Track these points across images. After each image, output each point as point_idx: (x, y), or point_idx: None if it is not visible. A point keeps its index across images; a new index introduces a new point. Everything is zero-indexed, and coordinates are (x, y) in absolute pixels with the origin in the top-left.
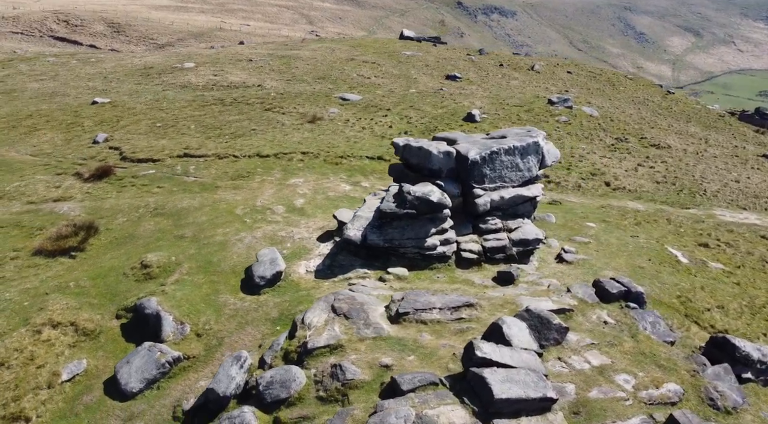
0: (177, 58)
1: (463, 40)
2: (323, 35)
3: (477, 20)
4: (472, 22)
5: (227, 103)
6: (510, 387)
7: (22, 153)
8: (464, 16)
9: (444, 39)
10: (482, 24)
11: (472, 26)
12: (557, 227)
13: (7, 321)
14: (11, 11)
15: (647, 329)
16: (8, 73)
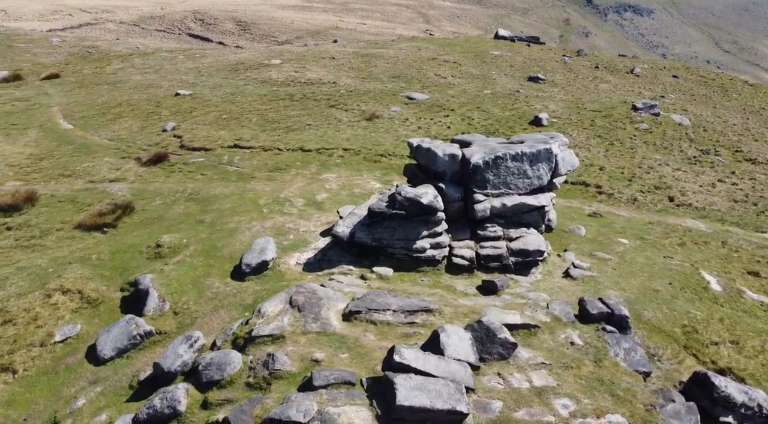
0: (267, 55)
1: (587, 41)
2: (437, 34)
3: (607, 19)
4: (601, 21)
5: (295, 99)
6: (417, 395)
7: (102, 137)
8: (593, 14)
9: (567, 38)
10: (612, 23)
11: (601, 25)
12: (583, 241)
13: (29, 284)
14: (159, 11)
15: (618, 356)
16: (122, 67)
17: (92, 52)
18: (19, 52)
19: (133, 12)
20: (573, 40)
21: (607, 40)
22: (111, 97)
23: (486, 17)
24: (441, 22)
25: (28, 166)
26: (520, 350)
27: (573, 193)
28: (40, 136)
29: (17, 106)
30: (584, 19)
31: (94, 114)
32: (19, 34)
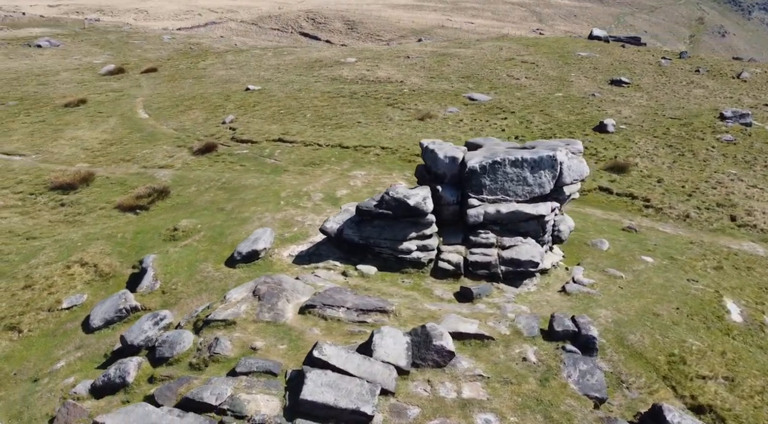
0: (346, 53)
1: (723, 41)
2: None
3: (751, 17)
4: (743, 20)
5: (356, 97)
6: (324, 392)
7: (169, 127)
8: (733, 12)
9: (698, 39)
10: (757, 21)
11: (743, 24)
12: (602, 256)
13: (57, 254)
14: (276, 11)
15: (571, 377)
16: (213, 63)
17: (194, 49)
18: (133, 48)
19: (254, 12)
20: (705, 41)
21: (747, 41)
22: (190, 91)
23: (606, 16)
24: (554, 21)
25: (98, 150)
26: (461, 359)
27: (616, 205)
28: (118, 123)
29: (110, 97)
30: (722, 18)
31: (169, 105)
32: (138, 31)
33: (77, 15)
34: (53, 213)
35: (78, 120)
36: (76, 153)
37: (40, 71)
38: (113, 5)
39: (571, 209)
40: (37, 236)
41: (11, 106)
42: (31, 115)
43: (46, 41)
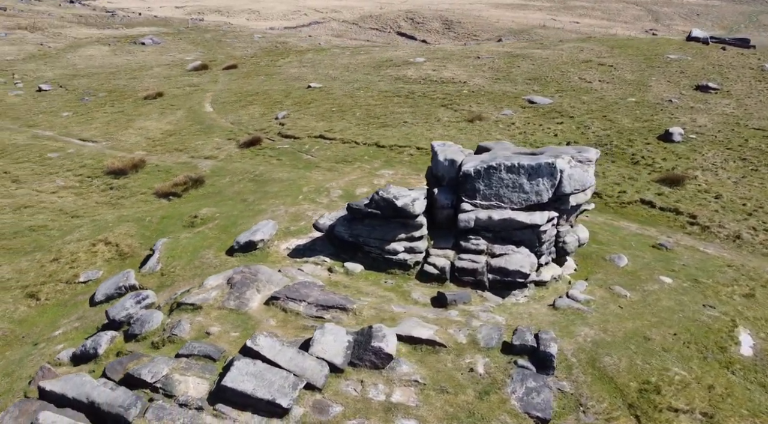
0: (417, 53)
1: None
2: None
3: None
4: None
5: (412, 97)
6: (245, 380)
7: (227, 120)
8: None
9: None
10: None
11: None
12: (616, 272)
13: (89, 233)
14: (378, 11)
15: (515, 393)
16: (290, 61)
17: (279, 48)
18: (223, 46)
19: (356, 11)
20: None
21: None
22: (257, 87)
23: (734, 14)
24: (673, 21)
25: (158, 139)
26: (403, 363)
27: (656, 220)
28: (183, 116)
29: (186, 91)
30: None
31: (234, 100)
32: (234, 30)
33: (198, 15)
34: (101, 195)
35: (150, 111)
36: (139, 141)
37: (136, 66)
38: (230, 6)
39: (603, 222)
40: (80, 215)
41: (100, 97)
42: (114, 106)
43: (149, 39)
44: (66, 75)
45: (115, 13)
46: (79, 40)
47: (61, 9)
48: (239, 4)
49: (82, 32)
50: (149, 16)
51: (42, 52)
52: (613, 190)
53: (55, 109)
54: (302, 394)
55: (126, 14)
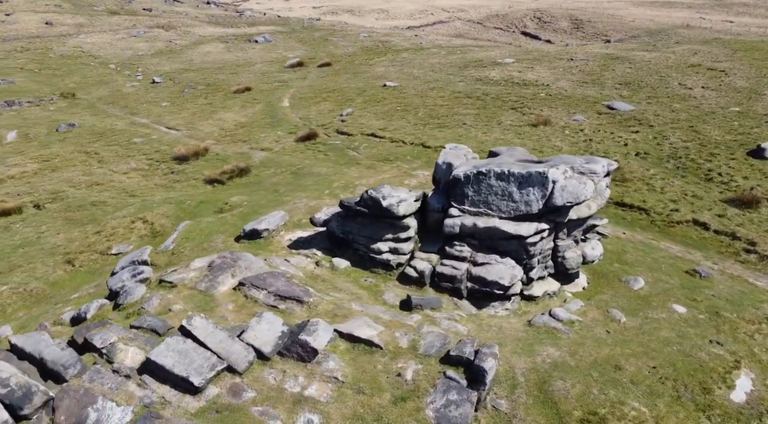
0: (507, 54)
1: None
2: None
3: None
4: None
5: (483, 98)
6: (168, 356)
7: (296, 116)
8: None
9: None
10: None
11: None
12: (626, 295)
13: (135, 211)
14: (506, 9)
15: (432, 404)
16: (382, 60)
17: (379, 47)
18: (328, 45)
19: (482, 11)
20: None
21: None
22: (338, 84)
23: None
24: None
25: (229, 130)
26: (331, 359)
27: (706, 244)
28: (260, 110)
29: (273, 86)
30: None
31: (310, 96)
32: (344, 29)
33: (333, 16)
34: (162, 178)
35: (234, 104)
36: (213, 131)
37: (242, 62)
38: (362, 6)
39: (640, 240)
40: (137, 194)
41: (199, 90)
42: (207, 98)
43: (262, 37)
44: (179, 69)
45: (243, 14)
46: (203, 37)
47: (198, 10)
48: (371, 3)
49: (208, 31)
50: (273, 16)
51: (168, 49)
52: (664, 207)
53: (158, 99)
54: (222, 376)
55: (252, 14)
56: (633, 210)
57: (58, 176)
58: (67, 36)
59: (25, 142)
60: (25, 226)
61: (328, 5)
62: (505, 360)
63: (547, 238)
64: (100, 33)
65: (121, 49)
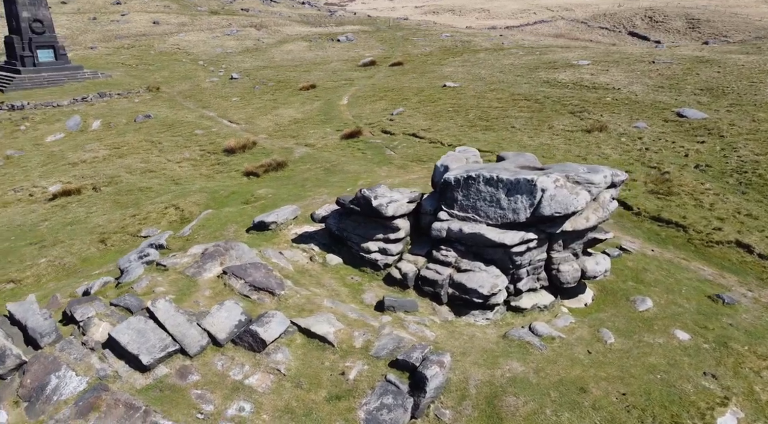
0: (583, 55)
1: None
2: None
3: None
4: None
5: (542, 101)
6: (127, 334)
7: (350, 114)
8: None
9: None
10: None
11: None
12: (627, 316)
13: (171, 198)
14: (615, 8)
15: (367, 406)
16: (455, 60)
17: (458, 46)
18: (406, 44)
19: (589, 10)
20: None
21: None
22: (401, 84)
23: None
24: None
25: (283, 126)
26: (281, 352)
27: (745, 268)
28: (317, 107)
29: (338, 84)
30: None
31: (369, 95)
32: (428, 29)
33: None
34: (208, 168)
35: (295, 101)
36: (268, 126)
37: (318, 61)
38: (463, 5)
39: (669, 259)
40: (180, 182)
41: (269, 86)
42: (274, 94)
43: (344, 37)
44: (258, 66)
45: (333, 13)
46: (289, 36)
47: (292, 9)
48: (472, 3)
49: (296, 30)
50: (363, 15)
51: (255, 47)
52: (706, 225)
53: (230, 94)
54: (174, 358)
55: (343, 14)
56: (670, 226)
57: (120, 163)
58: (169, 34)
59: (105, 130)
60: (79, 206)
61: (430, 5)
62: (462, 370)
63: (537, 248)
64: (198, 31)
65: (212, 46)
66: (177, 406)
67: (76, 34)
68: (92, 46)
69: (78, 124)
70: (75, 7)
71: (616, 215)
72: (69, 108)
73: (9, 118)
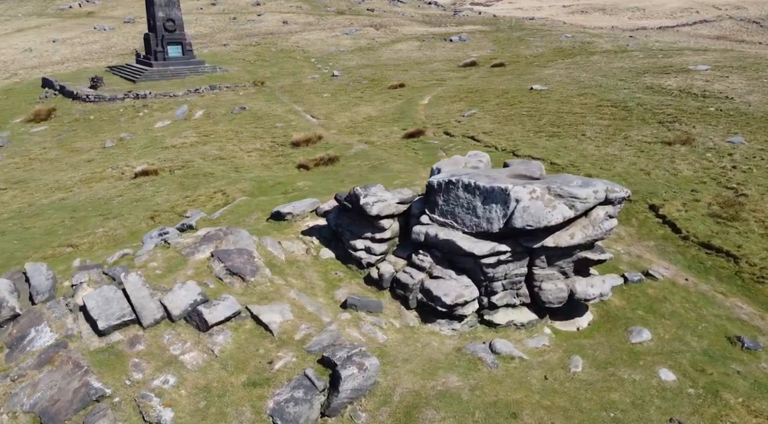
0: (708, 59)
1: None
2: None
3: None
4: None
5: (632, 108)
6: (95, 300)
7: (424, 114)
8: None
9: None
10: None
11: None
12: (614, 347)
13: (224, 183)
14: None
15: (277, 396)
16: (563, 61)
17: (575, 48)
18: (520, 45)
19: (766, 8)
20: None
21: None
22: (488, 85)
23: None
24: None
25: (357, 122)
26: (223, 334)
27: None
28: (397, 106)
29: (427, 84)
30: None
31: (451, 96)
32: (547, 30)
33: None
34: (271, 159)
35: (378, 99)
36: (342, 122)
37: (423, 60)
38: (616, 3)
39: (703, 291)
40: (241, 170)
41: (362, 84)
42: (364, 92)
43: (458, 37)
44: (362, 65)
45: (457, 13)
46: (404, 36)
47: (417, 9)
48: (626, 1)
49: (413, 30)
50: (487, 15)
51: (368, 46)
52: (764, 258)
53: (323, 91)
54: (131, 327)
55: (467, 14)
56: (719, 255)
57: (201, 149)
58: (293, 33)
59: (205, 119)
60: (151, 186)
61: (580, 3)
62: (395, 376)
63: (514, 262)
64: (320, 31)
65: (328, 45)
66: (113, 370)
67: (215, 32)
68: (225, 44)
69: (184, 113)
70: (222, 8)
71: (659, 238)
72: (183, 98)
73: (133, 106)
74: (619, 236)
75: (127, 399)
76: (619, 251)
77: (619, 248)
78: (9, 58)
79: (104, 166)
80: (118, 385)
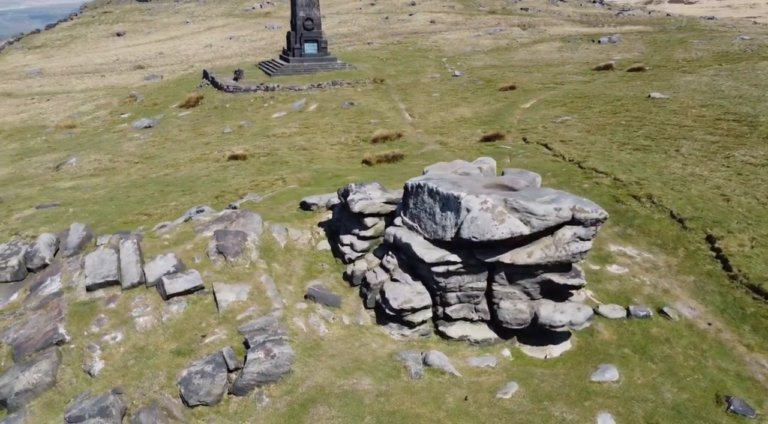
0: None
1: None
2: None
3: None
4: None
5: (762, 124)
6: (92, 261)
7: (516, 117)
8: None
9: None
10: None
11: None
12: (568, 382)
13: (288, 172)
14: None
15: (192, 368)
16: (720, 68)
17: (745, 52)
18: (677, 48)
19: None
20: None
21: None
22: (604, 91)
23: None
24: None
25: (446, 122)
26: (179, 305)
27: None
28: (495, 108)
29: (542, 87)
30: None
31: (557, 100)
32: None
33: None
34: (346, 153)
35: (480, 101)
36: (433, 122)
37: (556, 63)
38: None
39: (717, 339)
40: (314, 161)
41: (476, 85)
42: (473, 93)
43: (607, 38)
44: (487, 65)
45: (620, 13)
46: (549, 36)
47: (578, 8)
48: None
49: (562, 30)
50: (658, 15)
51: (506, 46)
52: None
53: (434, 90)
54: (113, 287)
55: (632, 13)
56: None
57: (293, 140)
58: (436, 32)
59: (316, 112)
60: (235, 169)
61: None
62: (312, 368)
63: (468, 274)
64: (464, 30)
65: (465, 44)
66: (80, 321)
67: (365, 31)
68: (369, 42)
69: (300, 106)
70: (378, 8)
71: (702, 273)
72: (305, 92)
73: (261, 97)
74: (654, 265)
75: (78, 347)
76: (644, 281)
77: (645, 279)
78: (192, 53)
79: (213, 149)
80: (77, 334)
